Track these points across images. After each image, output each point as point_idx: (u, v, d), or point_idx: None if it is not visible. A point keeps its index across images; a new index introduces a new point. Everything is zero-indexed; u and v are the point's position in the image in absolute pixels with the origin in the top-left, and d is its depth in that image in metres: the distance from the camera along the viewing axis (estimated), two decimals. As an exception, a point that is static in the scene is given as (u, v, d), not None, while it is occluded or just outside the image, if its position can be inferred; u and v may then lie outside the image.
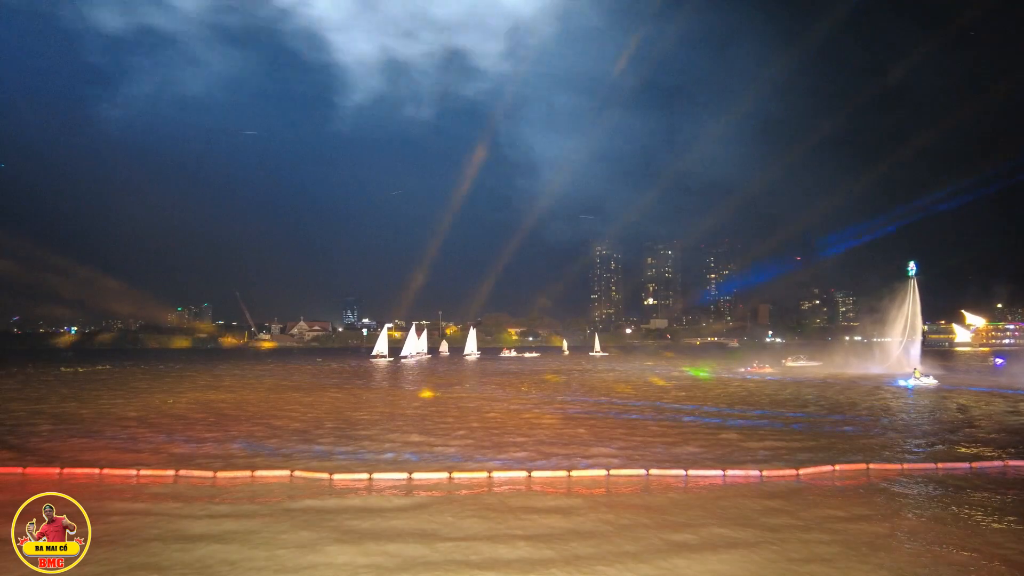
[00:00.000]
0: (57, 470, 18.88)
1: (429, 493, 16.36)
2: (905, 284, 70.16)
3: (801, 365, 75.35)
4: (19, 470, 19.06)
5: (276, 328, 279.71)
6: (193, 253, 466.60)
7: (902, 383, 48.66)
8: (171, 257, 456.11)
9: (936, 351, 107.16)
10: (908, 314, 68.81)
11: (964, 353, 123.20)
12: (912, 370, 52.21)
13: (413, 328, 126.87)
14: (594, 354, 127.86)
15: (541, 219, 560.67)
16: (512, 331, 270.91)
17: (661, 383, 53.08)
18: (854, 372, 65.37)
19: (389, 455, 21.30)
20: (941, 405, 36.26)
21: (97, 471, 18.80)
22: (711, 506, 14.92)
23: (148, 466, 19.33)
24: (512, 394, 43.55)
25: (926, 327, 73.78)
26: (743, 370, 67.94)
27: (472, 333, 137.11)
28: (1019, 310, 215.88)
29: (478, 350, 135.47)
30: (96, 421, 30.44)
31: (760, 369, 68.20)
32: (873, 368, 68.89)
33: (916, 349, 67.87)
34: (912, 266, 69.64)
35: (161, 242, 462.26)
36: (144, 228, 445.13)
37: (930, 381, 48.04)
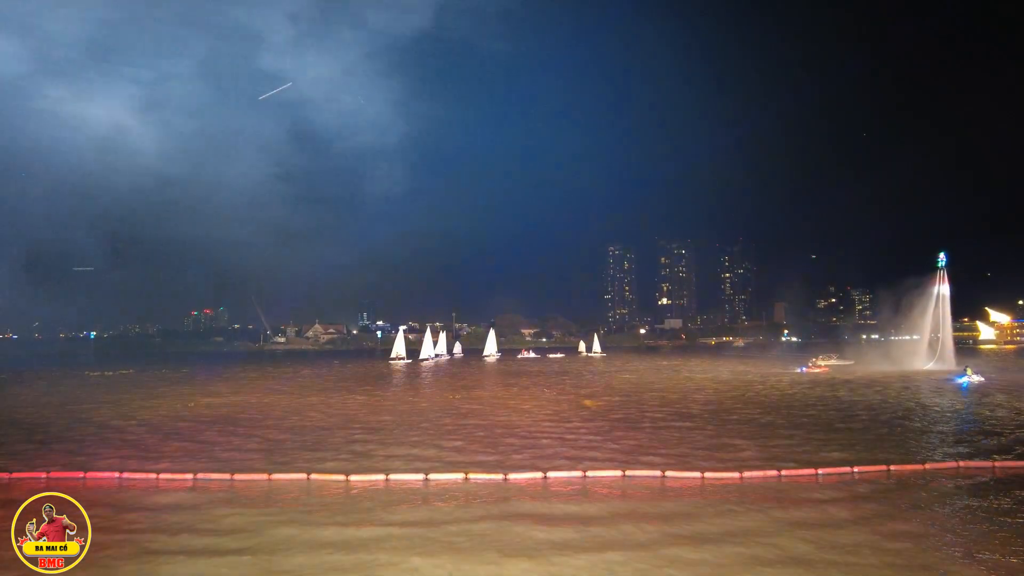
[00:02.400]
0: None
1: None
2: (930, 278, 67.34)
3: (834, 364, 72.07)
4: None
5: (291, 331, 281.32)
6: (208, 257, 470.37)
7: (958, 380, 48.10)
8: (186, 261, 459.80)
9: (962, 349, 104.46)
10: (938, 309, 66.03)
11: (991, 351, 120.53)
12: (964, 368, 51.51)
13: (429, 330, 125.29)
14: (592, 355, 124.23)
15: (552, 219, 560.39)
16: (526, 332, 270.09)
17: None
18: (895, 370, 63.45)
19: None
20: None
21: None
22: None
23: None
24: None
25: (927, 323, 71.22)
26: (799, 370, 65.88)
27: (491, 334, 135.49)
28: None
29: (498, 351, 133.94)
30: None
31: (816, 368, 66.10)
32: (910, 365, 66.70)
33: (949, 345, 65.94)
34: (942, 257, 66.16)
35: (175, 246, 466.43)
36: (158, 231, 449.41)
37: (977, 378, 47.46)
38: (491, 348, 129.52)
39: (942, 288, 65.88)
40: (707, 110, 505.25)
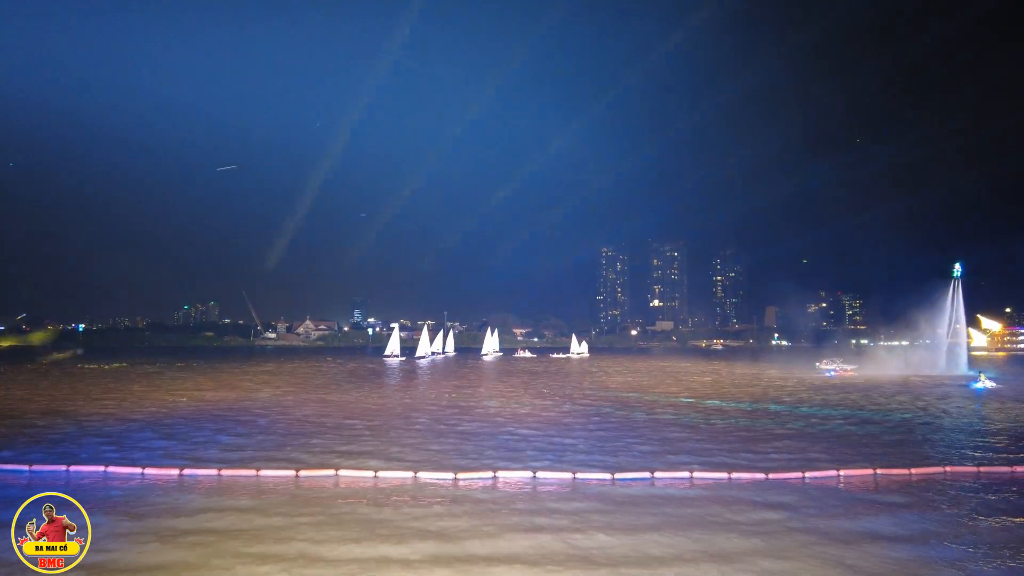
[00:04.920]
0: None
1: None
2: (937, 284, 69.07)
3: (837, 369, 71.75)
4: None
5: (282, 327, 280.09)
6: (199, 251, 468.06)
7: (973, 386, 49.17)
8: (177, 255, 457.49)
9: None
10: (951, 316, 67.49)
11: (984, 357, 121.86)
12: (978, 373, 52.74)
13: (426, 329, 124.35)
14: (571, 356, 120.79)
15: (545, 220, 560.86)
16: (518, 332, 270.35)
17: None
18: (909, 375, 64.23)
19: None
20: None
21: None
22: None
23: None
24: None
25: (940, 330, 73.03)
26: (827, 374, 65.85)
27: (495, 334, 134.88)
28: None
29: (501, 349, 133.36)
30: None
31: (846, 372, 66.08)
32: (918, 370, 67.98)
33: (963, 352, 67.51)
34: (957, 267, 67.56)
35: (167, 241, 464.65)
36: (150, 226, 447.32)
37: (989, 383, 48.57)
38: (488, 347, 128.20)
39: (957, 297, 67.38)
40: (702, 114, 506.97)
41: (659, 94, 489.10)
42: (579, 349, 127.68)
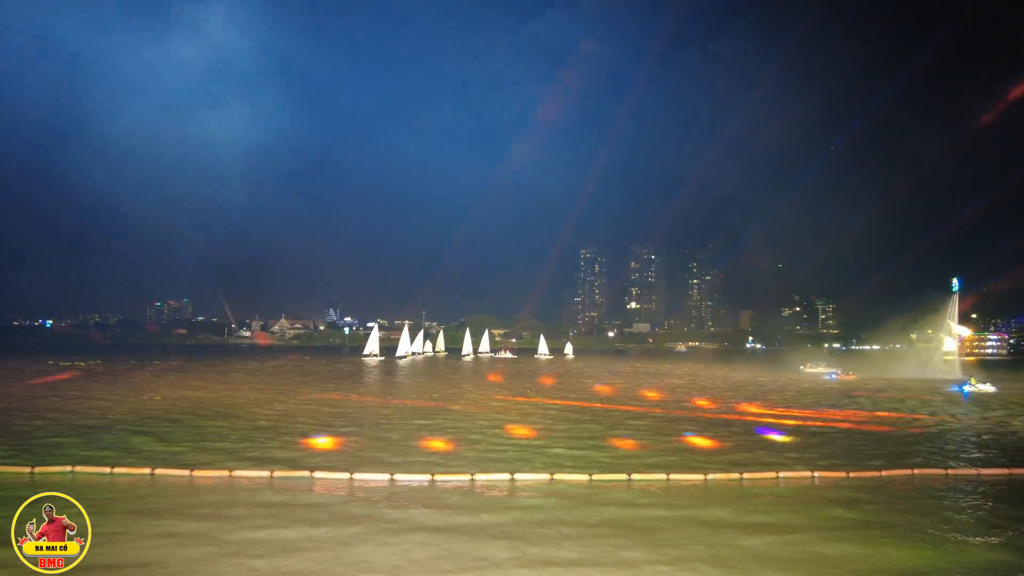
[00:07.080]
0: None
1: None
2: (927, 295, 73.18)
3: (823, 371, 73.10)
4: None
5: (257, 325, 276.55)
6: (174, 249, 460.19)
7: (957, 389, 51.05)
8: (151, 252, 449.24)
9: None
10: (947, 326, 71.75)
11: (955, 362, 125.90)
12: (969, 377, 54.74)
13: (406, 328, 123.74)
14: (540, 356, 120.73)
15: (524, 220, 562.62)
16: (496, 332, 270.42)
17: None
18: (900, 378, 66.40)
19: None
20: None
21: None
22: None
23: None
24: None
25: (914, 336, 77.15)
26: (828, 377, 67.23)
27: (485, 335, 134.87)
28: (992, 320, 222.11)
29: (492, 350, 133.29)
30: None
31: (848, 377, 67.52)
32: (904, 373, 70.88)
33: (955, 357, 72.59)
34: (955, 282, 71.97)
35: (141, 237, 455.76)
36: (124, 223, 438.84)
37: (988, 388, 50.24)
38: (469, 348, 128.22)
39: (954, 309, 71.84)
40: (681, 117, 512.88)
41: (638, 98, 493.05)
42: (545, 350, 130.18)
